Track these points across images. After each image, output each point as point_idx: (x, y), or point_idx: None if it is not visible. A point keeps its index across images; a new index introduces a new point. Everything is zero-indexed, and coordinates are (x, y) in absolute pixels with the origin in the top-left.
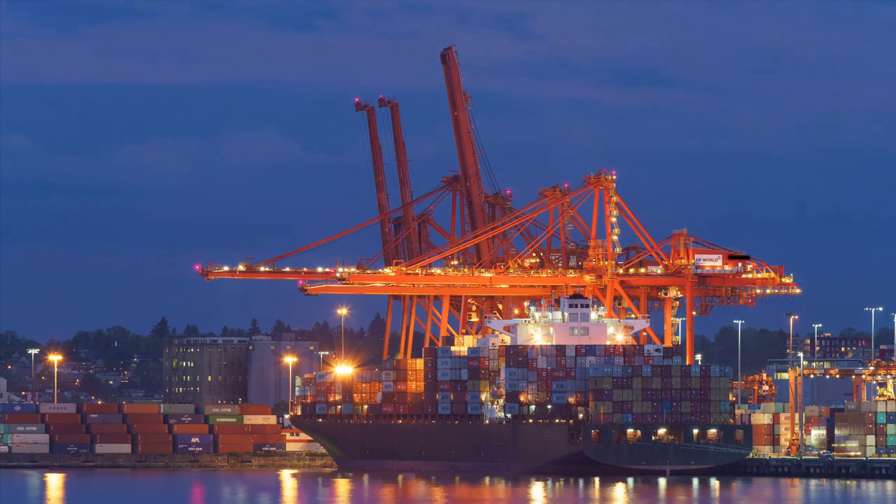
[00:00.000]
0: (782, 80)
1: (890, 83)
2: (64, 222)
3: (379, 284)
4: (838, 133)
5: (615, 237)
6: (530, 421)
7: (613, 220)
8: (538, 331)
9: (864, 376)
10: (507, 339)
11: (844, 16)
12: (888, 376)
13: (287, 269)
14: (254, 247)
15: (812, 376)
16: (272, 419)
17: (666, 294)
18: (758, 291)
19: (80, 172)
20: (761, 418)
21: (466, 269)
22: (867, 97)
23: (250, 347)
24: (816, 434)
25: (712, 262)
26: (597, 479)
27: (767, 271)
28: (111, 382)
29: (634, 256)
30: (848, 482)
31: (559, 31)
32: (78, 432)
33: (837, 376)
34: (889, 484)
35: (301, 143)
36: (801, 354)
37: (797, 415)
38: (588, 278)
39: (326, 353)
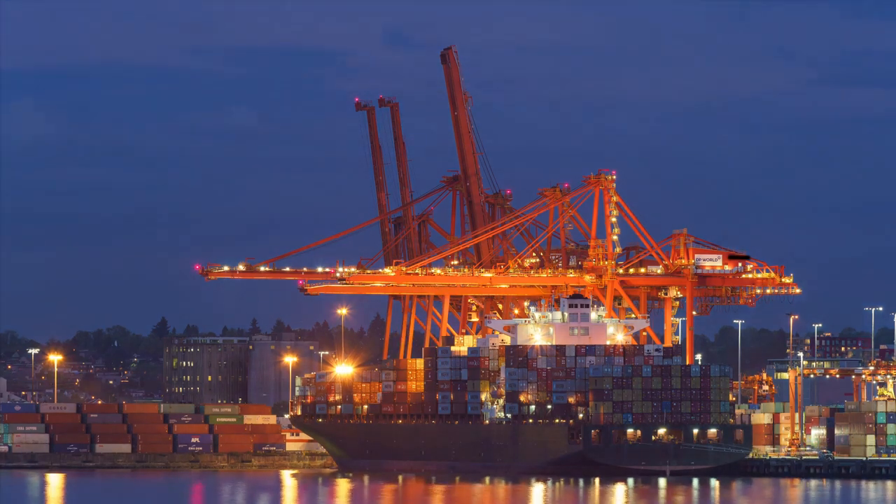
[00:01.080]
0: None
1: None
2: (64, 222)
3: (379, 284)
4: (837, 129)
5: (615, 237)
6: (530, 421)
7: (613, 220)
8: (538, 331)
9: (864, 376)
10: (507, 339)
11: None
12: (888, 376)
13: (287, 269)
14: (254, 247)
15: (812, 376)
16: (272, 419)
17: (666, 294)
18: (758, 291)
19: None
20: (761, 418)
21: (466, 269)
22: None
23: (250, 347)
24: (816, 434)
25: (712, 262)
26: (597, 479)
27: (767, 271)
28: (111, 382)
29: (634, 256)
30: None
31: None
32: (78, 432)
33: (837, 376)
34: (889, 484)
35: (300, 142)
36: (801, 354)
37: (797, 414)
38: (588, 278)
39: (326, 353)
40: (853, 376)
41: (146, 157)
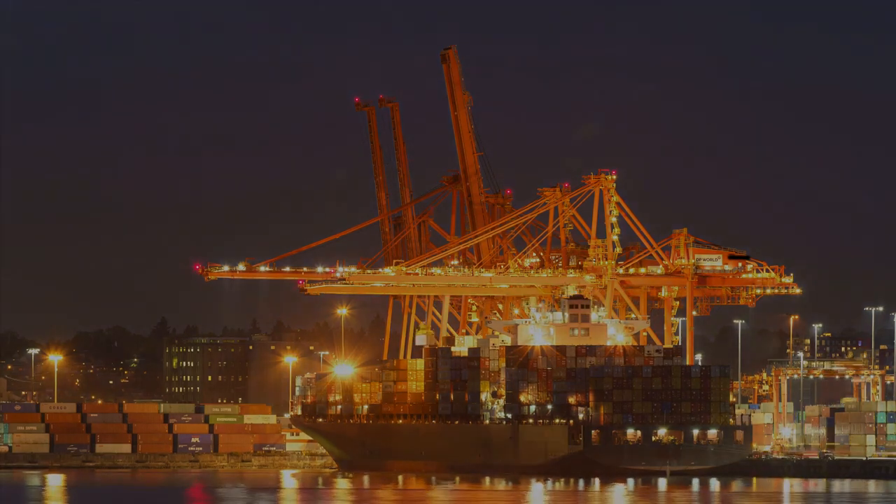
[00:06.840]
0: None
1: None
2: (64, 222)
3: (379, 284)
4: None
5: (615, 237)
6: (530, 421)
7: (613, 219)
8: (538, 331)
9: (820, 375)
10: (508, 340)
11: None
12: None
13: (287, 269)
14: (254, 247)
15: (811, 376)
16: (272, 419)
17: (666, 294)
18: (758, 291)
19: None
20: (761, 418)
21: (466, 269)
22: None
23: (250, 347)
24: (816, 433)
25: (712, 262)
26: (597, 479)
27: (767, 271)
28: (111, 382)
29: (634, 256)
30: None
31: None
32: (78, 432)
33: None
34: (892, 484)
35: (300, 141)
36: (801, 354)
37: (794, 414)
38: (588, 278)
39: (326, 353)
40: (852, 377)
41: (146, 156)
